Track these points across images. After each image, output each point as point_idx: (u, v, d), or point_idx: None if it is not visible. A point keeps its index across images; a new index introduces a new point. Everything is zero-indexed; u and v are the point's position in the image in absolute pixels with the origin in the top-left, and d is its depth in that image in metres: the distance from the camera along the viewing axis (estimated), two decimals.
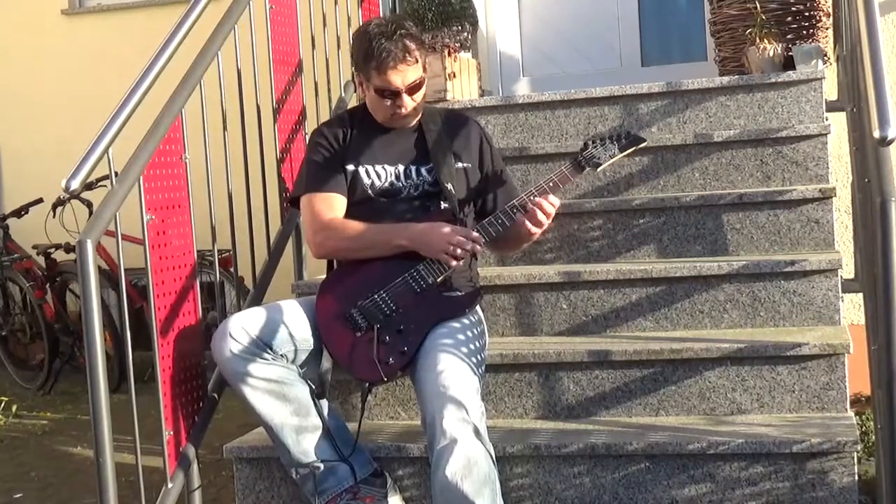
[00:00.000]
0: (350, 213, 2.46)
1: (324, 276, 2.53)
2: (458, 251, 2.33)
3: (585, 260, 3.04)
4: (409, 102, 2.44)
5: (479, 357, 2.32)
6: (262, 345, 2.31)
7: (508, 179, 2.61)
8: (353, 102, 3.50)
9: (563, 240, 3.06)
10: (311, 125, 3.09)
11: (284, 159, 3.08)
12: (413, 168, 2.50)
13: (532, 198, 2.36)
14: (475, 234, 2.36)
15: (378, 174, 2.49)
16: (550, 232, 3.00)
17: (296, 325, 2.37)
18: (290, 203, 2.62)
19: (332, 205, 2.45)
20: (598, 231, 3.03)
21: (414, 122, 2.53)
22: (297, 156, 3.12)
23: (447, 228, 2.35)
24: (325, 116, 3.26)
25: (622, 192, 3.20)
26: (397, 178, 2.49)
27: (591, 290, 2.82)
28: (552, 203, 2.36)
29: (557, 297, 2.85)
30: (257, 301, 2.88)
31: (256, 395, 2.31)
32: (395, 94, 2.42)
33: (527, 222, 2.35)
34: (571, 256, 3.06)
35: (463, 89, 3.72)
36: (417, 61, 2.40)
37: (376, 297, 2.35)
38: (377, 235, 2.38)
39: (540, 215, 2.35)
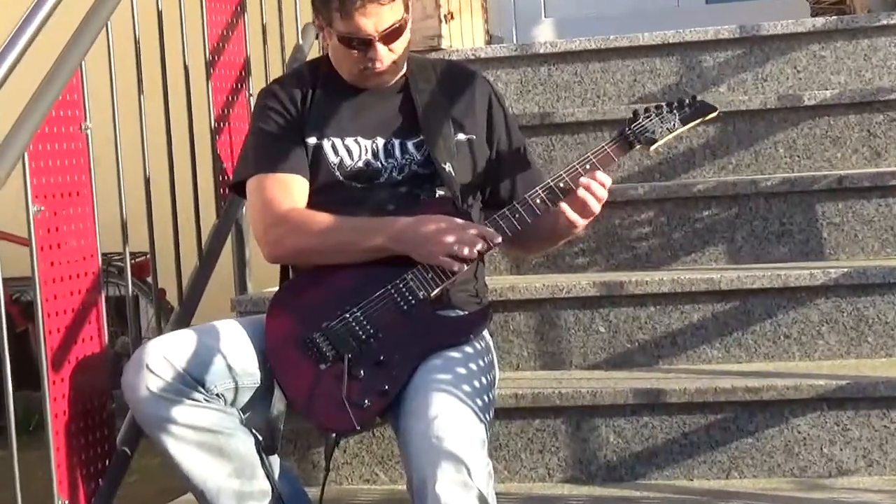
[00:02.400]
0: (310, 204, 2.46)
1: (276, 289, 2.53)
2: (465, 251, 2.33)
3: (630, 266, 3.04)
4: (384, 54, 2.43)
5: (485, 398, 2.33)
6: (190, 381, 2.31)
7: (529, 159, 2.60)
8: (314, 53, 3.50)
9: (600, 238, 3.06)
10: (257, 84, 3.09)
11: (221, 130, 3.08)
12: (397, 142, 2.49)
13: (574, 177, 2.36)
14: (489, 229, 2.36)
15: (349, 150, 2.48)
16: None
17: (237, 353, 2.37)
18: (232, 189, 2.62)
19: (291, 190, 2.44)
20: (648, 227, 3.04)
21: (394, 79, 2.53)
22: (238, 125, 3.11)
23: (447, 221, 2.35)
24: (276, 72, 3.26)
25: (680, 174, 3.20)
26: (375, 155, 2.48)
27: (638, 306, 2.83)
28: (602, 182, 2.36)
29: (592, 317, 2.85)
30: (184, 322, 2.88)
31: (183, 450, 2.31)
32: (365, 44, 2.41)
33: (567, 211, 2.34)
34: (611, 261, 3.07)
35: (464, 35, 3.72)
36: None
37: (348, 316, 2.34)
38: (353, 233, 2.37)
39: (590, 200, 2.33)
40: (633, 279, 2.83)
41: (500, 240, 2.35)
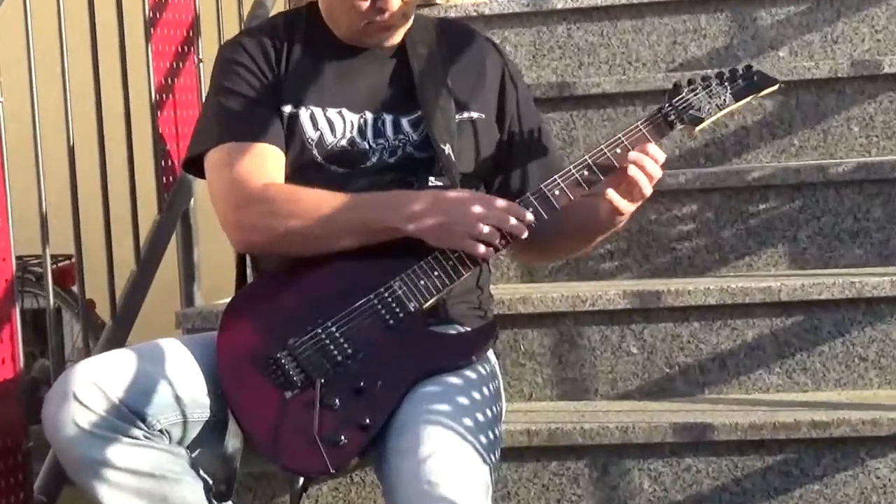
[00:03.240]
0: None
1: (230, 298, 2.53)
2: (497, 238, 2.31)
3: (669, 272, 3.06)
4: (395, 2, 2.44)
5: (490, 435, 2.33)
6: (129, 414, 2.30)
7: (546, 143, 2.62)
8: (278, 8, 3.50)
9: (633, 238, 3.07)
10: (208, 47, 3.10)
11: (164, 104, 3.09)
12: (389, 118, 2.50)
13: (614, 150, 2.36)
14: (524, 210, 2.34)
15: (331, 124, 2.49)
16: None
17: (185, 379, 2.36)
18: (186, 167, 2.61)
19: (266, 163, 2.44)
20: (691, 223, 3.05)
21: (400, 36, 2.54)
22: (185, 98, 3.13)
23: (479, 200, 2.33)
24: (232, 32, 3.25)
25: (731, 159, 3.21)
26: (362, 133, 2.49)
27: (679, 322, 2.84)
28: (655, 157, 2.35)
29: (622, 335, 2.86)
30: (119, 341, 2.88)
31: (120, 499, 2.29)
32: None
33: (611, 194, 2.35)
34: (646, 266, 3.08)
35: None
36: None
37: (320, 332, 2.34)
38: (355, 211, 2.36)
39: (641, 179, 2.33)
40: (673, 288, 2.84)
41: (531, 218, 2.35)
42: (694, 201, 3.04)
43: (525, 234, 2.34)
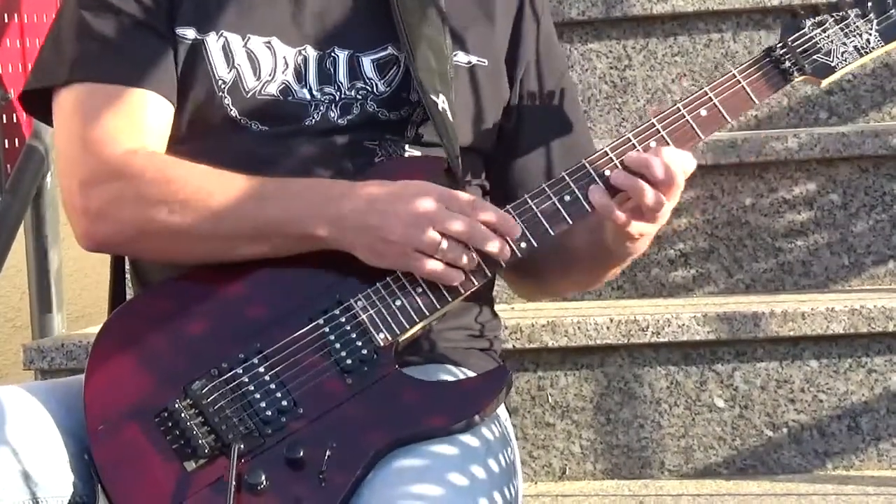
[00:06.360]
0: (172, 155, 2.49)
1: (103, 322, 2.52)
2: (465, 260, 2.32)
3: (773, 285, 3.09)
4: None
5: None
6: None
7: (571, 113, 2.69)
8: None
9: (717, 233, 3.10)
10: None
11: (4, 25, 3.11)
12: (343, 55, 2.56)
13: (697, 111, 2.38)
14: (510, 218, 2.35)
15: (254, 60, 2.54)
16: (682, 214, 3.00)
17: (36, 447, 2.37)
18: (24, 103, 2.63)
19: (140, 118, 2.48)
20: (806, 210, 3.06)
21: None
22: (36, 13, 3.15)
23: (435, 194, 2.34)
24: None
25: (866, 112, 3.23)
26: (300, 75, 2.55)
27: (789, 360, 2.85)
28: (675, 165, 2.32)
29: (702, 380, 2.88)
30: None
31: None
32: None
33: (615, 211, 2.32)
34: (738, 275, 3.11)
35: None
36: None
37: (240, 371, 2.36)
38: (260, 204, 2.40)
39: (645, 192, 2.31)
40: (779, 309, 2.85)
41: (513, 247, 2.36)
42: (810, 177, 3.06)
43: (507, 257, 2.35)
